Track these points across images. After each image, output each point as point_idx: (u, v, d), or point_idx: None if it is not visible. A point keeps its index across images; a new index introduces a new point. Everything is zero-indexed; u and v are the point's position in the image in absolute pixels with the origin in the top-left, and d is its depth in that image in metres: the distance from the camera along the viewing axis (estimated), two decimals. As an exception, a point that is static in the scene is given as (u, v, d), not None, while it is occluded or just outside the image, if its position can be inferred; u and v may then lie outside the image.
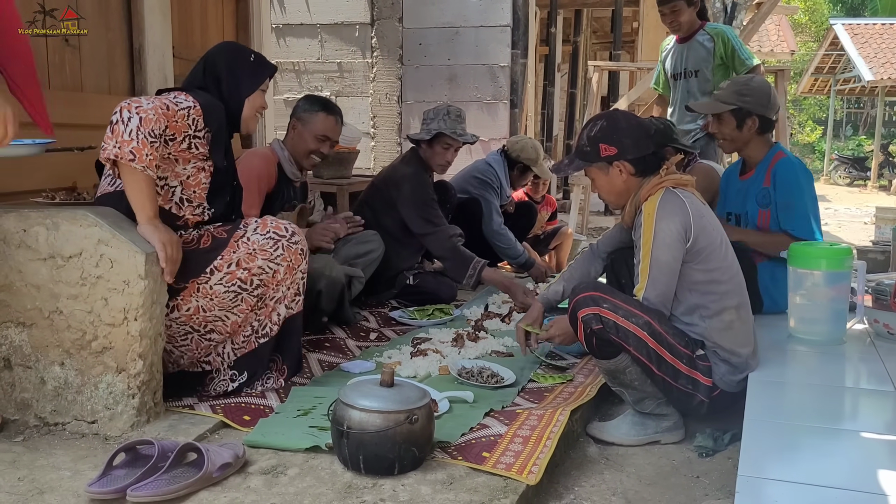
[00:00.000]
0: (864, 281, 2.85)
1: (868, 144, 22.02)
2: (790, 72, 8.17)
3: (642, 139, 2.43)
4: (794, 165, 3.01)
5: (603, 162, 2.43)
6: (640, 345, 2.29)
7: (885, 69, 18.26)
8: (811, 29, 27.54)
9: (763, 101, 3.00)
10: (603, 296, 2.32)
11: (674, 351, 2.31)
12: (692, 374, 2.33)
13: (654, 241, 2.31)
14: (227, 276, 2.31)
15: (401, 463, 1.95)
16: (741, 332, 2.39)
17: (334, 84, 6.29)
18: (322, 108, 3.30)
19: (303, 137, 3.28)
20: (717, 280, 2.36)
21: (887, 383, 2.29)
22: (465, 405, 2.45)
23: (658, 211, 2.32)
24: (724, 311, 2.36)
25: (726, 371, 2.37)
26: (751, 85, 3.06)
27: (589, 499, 2.10)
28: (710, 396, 2.36)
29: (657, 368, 2.32)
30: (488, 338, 3.23)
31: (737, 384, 2.38)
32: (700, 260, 2.34)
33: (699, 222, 2.34)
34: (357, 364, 2.87)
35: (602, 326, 2.29)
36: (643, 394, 2.41)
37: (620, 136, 2.41)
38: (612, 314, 2.28)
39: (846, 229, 10.01)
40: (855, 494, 1.60)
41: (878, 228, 7.01)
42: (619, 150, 2.40)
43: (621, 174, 2.43)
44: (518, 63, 5.87)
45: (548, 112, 8.36)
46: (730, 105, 3.02)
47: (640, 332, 2.28)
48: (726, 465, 2.30)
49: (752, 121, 3.01)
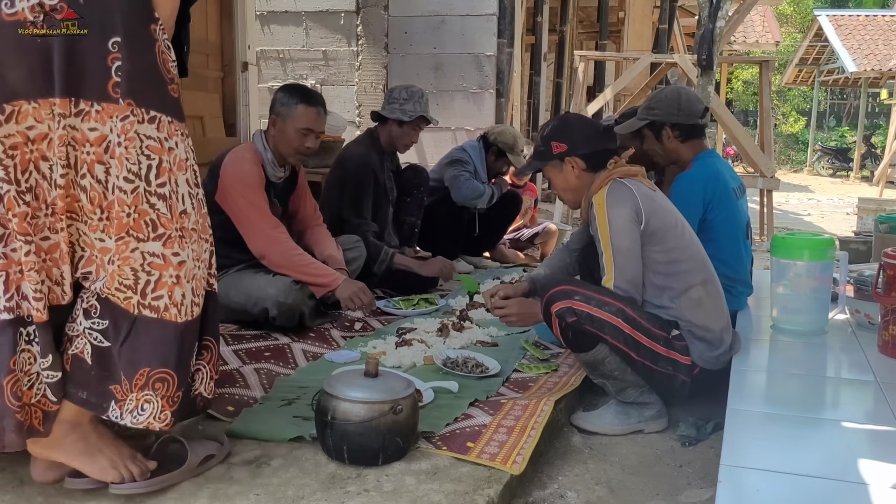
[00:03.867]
0: (846, 271, 2.87)
1: (851, 135, 22.16)
2: (775, 63, 8.20)
3: (592, 136, 2.53)
4: (682, 181, 2.93)
5: (556, 159, 2.53)
6: (616, 332, 2.31)
7: (869, 60, 18.37)
8: (796, 20, 27.63)
9: (672, 110, 2.97)
10: (574, 289, 2.36)
11: (650, 334, 2.34)
12: (671, 355, 2.36)
13: (611, 230, 2.36)
14: None
15: (385, 453, 1.95)
16: (712, 307, 2.44)
17: (319, 72, 6.25)
18: (301, 100, 3.08)
19: (285, 133, 3.09)
20: (677, 259, 2.41)
21: (868, 373, 2.31)
22: (450, 395, 2.45)
23: (607, 200, 2.39)
24: (691, 288, 2.40)
25: (703, 348, 2.40)
26: (658, 97, 3.05)
27: (573, 488, 2.11)
28: (691, 375, 2.39)
29: (636, 354, 2.34)
30: (473, 328, 3.23)
31: (715, 360, 2.42)
32: (656, 241, 2.39)
33: (649, 205, 2.40)
34: (341, 354, 2.86)
35: (576, 318, 2.31)
36: (624, 383, 2.42)
37: (571, 133, 2.52)
38: (585, 305, 2.30)
39: (828, 220, 10.08)
40: (836, 483, 1.62)
41: (860, 219, 7.06)
42: (570, 146, 2.50)
43: (574, 170, 2.51)
44: (504, 52, 5.85)
45: (534, 102, 8.35)
46: (643, 121, 3.02)
47: (614, 319, 2.30)
48: (709, 455, 2.31)
49: (666, 132, 2.99)
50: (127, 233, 1.66)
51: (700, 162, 2.97)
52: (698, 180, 2.90)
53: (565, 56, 8.79)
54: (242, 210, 3.04)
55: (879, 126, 22.24)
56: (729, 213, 2.91)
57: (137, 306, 1.68)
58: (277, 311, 3.00)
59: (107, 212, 1.65)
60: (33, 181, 1.61)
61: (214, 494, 1.79)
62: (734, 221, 2.93)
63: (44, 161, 1.61)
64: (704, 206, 2.88)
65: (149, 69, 1.65)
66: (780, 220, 9.06)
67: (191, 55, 4.69)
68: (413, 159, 5.93)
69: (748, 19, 18.19)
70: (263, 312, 3.02)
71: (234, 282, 3.08)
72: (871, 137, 20.56)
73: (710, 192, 2.89)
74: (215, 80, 4.86)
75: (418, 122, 3.94)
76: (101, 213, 1.65)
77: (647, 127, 3.03)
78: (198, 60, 4.65)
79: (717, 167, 2.98)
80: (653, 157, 3.10)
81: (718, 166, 2.99)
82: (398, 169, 4.25)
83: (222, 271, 3.14)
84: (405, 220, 4.26)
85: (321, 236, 3.39)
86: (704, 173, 2.92)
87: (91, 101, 1.60)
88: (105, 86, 1.61)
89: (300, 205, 3.39)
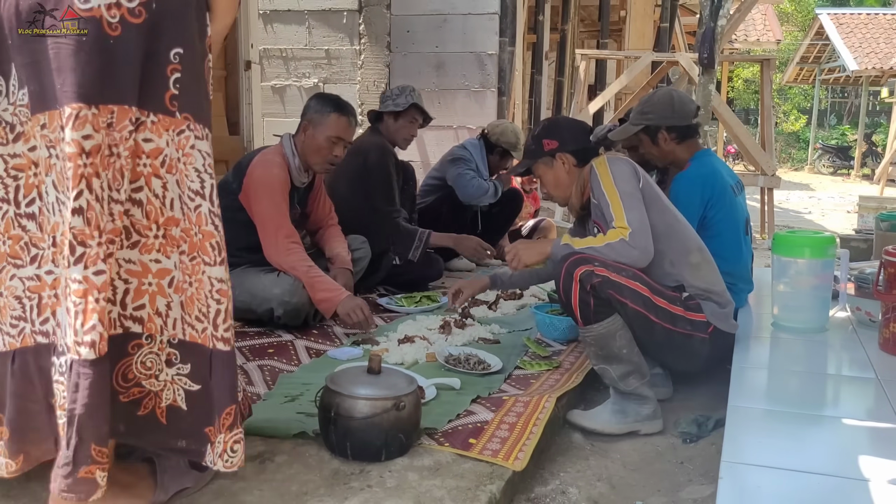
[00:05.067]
0: (846, 269, 2.88)
1: (852, 134, 22.15)
2: (776, 61, 8.20)
3: (580, 133, 2.68)
4: (681, 181, 2.96)
5: (547, 156, 2.64)
6: (636, 296, 2.37)
7: (870, 59, 18.37)
8: (797, 18, 27.60)
9: (665, 113, 2.99)
10: (592, 256, 2.40)
11: (665, 296, 2.43)
12: (687, 315, 2.45)
13: (615, 179, 2.48)
14: None
15: (388, 449, 1.96)
16: (709, 270, 2.56)
17: (322, 71, 6.26)
18: (335, 109, 3.15)
19: (315, 140, 3.14)
20: (672, 223, 2.54)
21: (869, 370, 2.32)
22: (452, 392, 2.46)
23: (608, 161, 2.54)
24: (689, 253, 2.53)
25: (713, 307, 2.50)
26: (651, 101, 3.07)
27: (574, 484, 2.12)
28: (708, 333, 2.47)
29: (655, 317, 2.40)
30: (475, 325, 3.24)
31: (725, 319, 2.53)
32: (652, 204, 2.49)
33: (642, 172, 2.55)
34: (344, 351, 2.87)
35: (601, 280, 2.34)
36: (629, 365, 2.39)
37: (560, 130, 2.66)
38: (605, 270, 2.35)
39: (829, 218, 10.09)
40: (837, 480, 1.63)
41: (860, 217, 7.07)
42: (560, 143, 2.62)
43: (564, 165, 2.63)
44: (506, 51, 5.85)
45: (535, 100, 8.35)
46: (637, 125, 3.04)
47: (632, 283, 2.37)
48: (710, 451, 2.32)
49: (662, 135, 3.01)
50: (198, 253, 1.57)
51: (697, 161, 2.99)
52: (696, 179, 2.93)
53: (567, 54, 8.79)
54: (265, 213, 3.07)
55: (880, 124, 22.23)
56: (728, 210, 2.94)
57: (211, 339, 1.60)
58: (283, 310, 3.01)
59: (163, 228, 1.55)
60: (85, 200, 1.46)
61: (218, 490, 1.80)
62: (734, 218, 2.96)
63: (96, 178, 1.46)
64: (704, 205, 2.90)
65: (202, 85, 1.60)
66: (781, 219, 9.06)
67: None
68: (415, 157, 5.95)
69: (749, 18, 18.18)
70: (268, 312, 3.03)
71: (239, 280, 3.09)
72: (872, 136, 20.55)
73: (710, 189, 2.91)
74: (218, 79, 4.87)
75: (413, 113, 3.96)
76: (158, 229, 1.55)
77: (642, 131, 3.05)
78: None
79: (715, 165, 3.01)
80: (650, 160, 3.12)
81: (715, 164, 3.02)
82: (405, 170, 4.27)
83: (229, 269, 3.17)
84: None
85: (332, 235, 3.43)
86: (702, 172, 2.94)
87: (148, 112, 1.51)
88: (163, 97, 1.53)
89: (315, 205, 3.43)
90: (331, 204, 3.50)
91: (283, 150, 3.18)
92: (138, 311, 1.56)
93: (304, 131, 3.17)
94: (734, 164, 18.89)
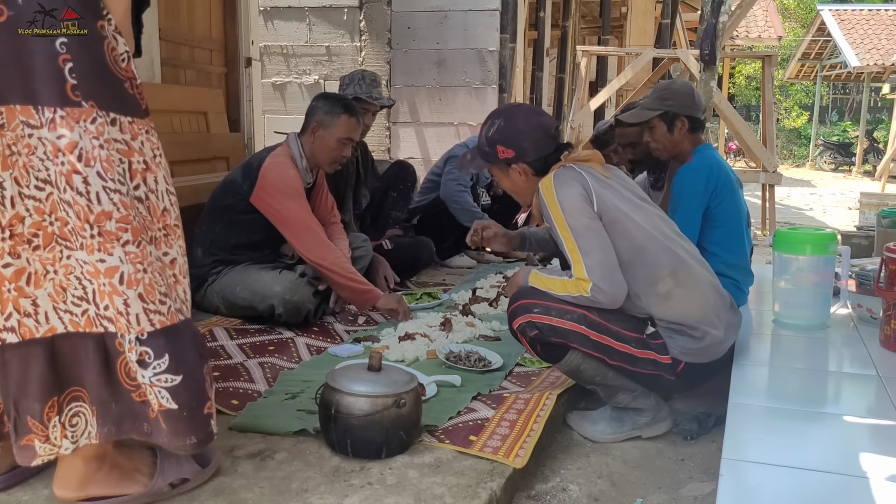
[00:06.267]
0: (847, 266, 2.87)
1: (853, 130, 22.10)
2: (777, 57, 8.19)
3: (542, 140, 2.31)
4: (685, 173, 2.96)
5: (502, 164, 2.35)
6: (584, 340, 2.21)
7: (871, 55, 18.33)
8: (799, 14, 27.54)
9: (687, 102, 3.01)
10: (534, 301, 2.24)
11: (619, 337, 2.22)
12: (647, 356, 2.23)
13: (564, 212, 2.17)
14: None
15: (388, 447, 1.96)
16: (684, 298, 2.22)
17: (322, 68, 6.25)
18: (344, 111, 3.17)
19: (325, 142, 3.17)
20: (639, 248, 2.21)
21: (870, 367, 2.31)
22: (453, 389, 2.46)
23: (554, 183, 2.21)
24: (658, 281, 2.21)
25: (685, 342, 2.23)
26: (672, 88, 3.08)
27: (575, 481, 2.12)
28: (676, 372, 2.25)
29: (610, 359, 2.24)
30: (476, 322, 3.24)
31: (702, 352, 2.24)
32: (617, 227, 2.20)
33: (599, 188, 2.22)
34: (345, 348, 2.87)
35: (538, 332, 2.23)
36: (612, 388, 2.33)
37: (519, 139, 2.30)
38: (545, 317, 2.21)
39: (830, 214, 10.08)
40: (837, 477, 1.62)
41: (862, 213, 7.05)
42: (517, 153, 2.30)
43: (521, 175, 2.34)
44: (507, 47, 5.84)
45: (536, 97, 8.33)
46: (656, 110, 3.03)
47: (577, 327, 2.20)
48: (710, 448, 2.32)
49: (680, 122, 3.01)
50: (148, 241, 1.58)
51: (699, 154, 3.01)
52: (701, 171, 2.93)
53: (568, 51, 8.76)
54: (295, 215, 3.10)
55: (882, 121, 22.19)
56: (732, 201, 2.95)
57: (177, 313, 1.61)
58: (284, 308, 3.02)
59: (96, 226, 1.51)
60: None
61: (219, 487, 1.80)
62: (737, 210, 2.98)
63: None
64: (708, 196, 2.91)
65: (105, 70, 1.53)
66: (782, 215, 9.05)
67: (195, 51, 4.69)
68: (416, 154, 5.95)
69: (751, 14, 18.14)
70: (269, 309, 3.04)
71: (241, 278, 3.10)
72: (874, 132, 20.52)
73: (714, 181, 2.92)
74: (219, 76, 4.86)
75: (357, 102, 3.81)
76: (91, 227, 1.51)
77: (660, 116, 3.05)
78: (201, 56, 4.66)
79: (717, 158, 3.04)
80: (654, 148, 3.12)
81: (718, 157, 3.06)
82: (365, 156, 4.23)
83: (228, 266, 3.17)
84: (390, 213, 4.29)
85: (334, 233, 3.45)
86: (706, 164, 2.96)
87: (54, 108, 1.47)
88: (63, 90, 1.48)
89: (318, 203, 3.43)
90: (333, 202, 3.50)
91: (290, 151, 3.20)
92: (106, 310, 1.56)
93: (313, 133, 3.19)
94: (735, 161, 18.87)
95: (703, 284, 2.28)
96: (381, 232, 4.22)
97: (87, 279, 1.54)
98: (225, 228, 3.18)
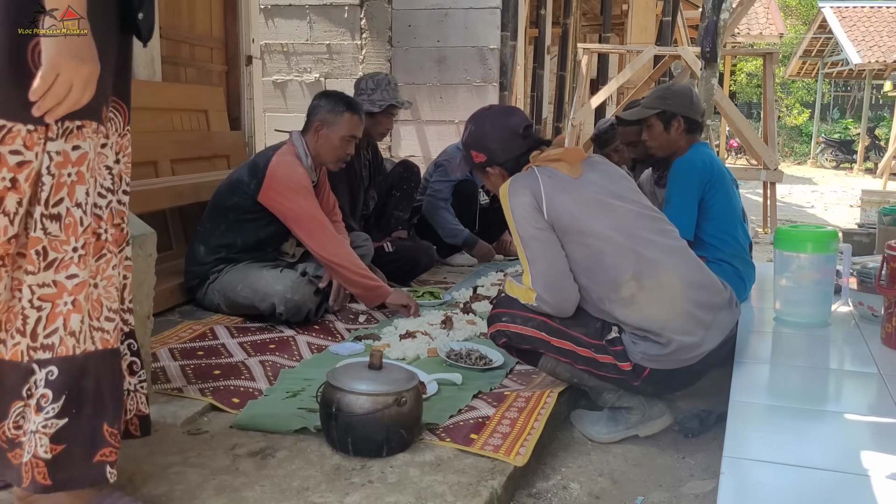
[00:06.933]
0: (849, 263, 2.87)
1: (855, 128, 22.07)
2: (778, 55, 8.18)
3: (509, 141, 2.36)
4: (680, 164, 3.00)
5: (478, 167, 2.43)
6: (547, 346, 2.28)
7: (873, 52, 18.30)
8: (800, 11, 27.50)
9: (686, 103, 3.06)
10: (503, 310, 2.34)
11: (579, 342, 2.23)
12: (607, 361, 2.22)
13: (515, 221, 2.22)
14: None
15: (389, 445, 1.96)
16: (649, 302, 2.16)
17: (323, 66, 6.25)
18: (347, 108, 3.19)
19: (330, 140, 3.19)
20: (600, 251, 2.18)
21: (871, 365, 2.31)
22: (454, 387, 2.46)
23: (508, 190, 2.24)
24: (621, 285, 2.16)
25: (649, 347, 2.16)
26: (672, 89, 3.16)
27: (576, 479, 2.12)
28: (641, 378, 2.20)
29: (575, 363, 2.27)
30: (476, 320, 3.24)
31: (667, 359, 2.16)
32: (571, 233, 2.19)
33: (553, 191, 2.20)
34: (346, 346, 2.87)
35: (506, 339, 2.34)
36: (594, 388, 2.35)
37: (487, 142, 2.37)
38: (511, 325, 2.30)
39: (832, 212, 10.07)
40: (839, 475, 1.62)
41: (863, 211, 7.04)
42: (488, 157, 2.38)
43: (500, 177, 2.40)
44: (508, 45, 5.84)
45: (537, 95, 8.32)
46: (654, 109, 3.07)
47: (538, 334, 2.27)
48: (711, 446, 2.32)
49: (677, 122, 3.05)
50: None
51: (695, 149, 3.07)
52: (695, 162, 2.99)
53: (569, 49, 8.76)
54: (306, 212, 3.11)
55: (883, 118, 22.17)
56: (726, 195, 3.00)
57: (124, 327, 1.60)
58: (285, 307, 3.02)
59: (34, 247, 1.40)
60: None
61: (220, 486, 1.81)
62: (731, 203, 3.02)
63: None
64: (702, 187, 2.96)
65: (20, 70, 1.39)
66: (784, 213, 9.04)
67: (196, 49, 4.67)
68: (416, 152, 5.95)
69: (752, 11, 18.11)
70: (271, 308, 3.04)
71: (242, 276, 3.10)
72: (875, 129, 20.48)
73: (708, 173, 2.97)
74: (219, 74, 4.86)
75: (388, 109, 3.94)
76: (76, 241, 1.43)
77: (657, 115, 3.07)
78: (202, 54, 4.65)
79: (712, 154, 3.10)
80: (650, 146, 3.14)
81: (713, 154, 3.11)
82: (375, 157, 4.25)
83: (230, 264, 3.18)
84: (392, 213, 4.29)
85: (336, 231, 3.42)
86: (701, 157, 3.02)
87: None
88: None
89: (321, 201, 3.42)
90: (335, 200, 3.50)
91: (295, 149, 3.20)
92: None
93: (316, 132, 3.20)
94: (736, 159, 18.86)
95: (673, 288, 2.19)
96: (384, 231, 4.21)
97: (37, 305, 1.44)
98: (230, 227, 3.18)
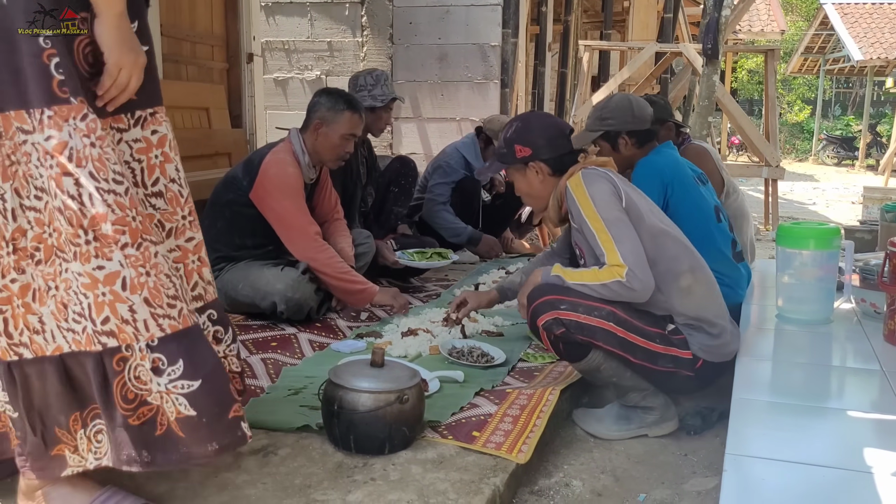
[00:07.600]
0: (851, 260, 2.87)
1: (856, 124, 22.06)
2: (780, 51, 8.17)
3: (557, 139, 2.41)
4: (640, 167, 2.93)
5: (519, 163, 2.43)
6: (610, 338, 2.20)
7: (875, 49, 18.29)
8: (801, 8, 27.47)
9: (626, 118, 2.96)
10: (559, 297, 2.23)
11: (644, 334, 2.23)
12: (669, 352, 2.25)
13: (596, 205, 2.24)
14: None
15: (391, 442, 1.96)
16: (703, 295, 2.30)
17: (324, 63, 6.24)
18: (347, 107, 3.16)
19: (329, 139, 3.16)
20: (661, 244, 2.27)
21: (874, 362, 2.31)
22: (456, 385, 2.46)
23: (584, 181, 2.29)
24: (680, 276, 2.26)
25: (704, 339, 2.27)
26: (609, 106, 3.02)
27: (578, 477, 2.12)
28: (695, 369, 2.27)
29: (633, 357, 2.24)
30: (478, 318, 3.24)
31: (719, 350, 2.29)
32: (640, 227, 2.25)
33: (624, 185, 2.32)
34: (347, 344, 2.87)
35: (565, 329, 2.20)
36: (624, 388, 2.34)
37: (534, 136, 2.40)
38: (573, 314, 2.20)
39: (834, 209, 10.06)
40: (841, 472, 1.62)
41: (865, 208, 7.05)
42: (534, 151, 2.40)
43: (538, 175, 2.42)
44: (509, 42, 5.83)
45: (538, 92, 8.31)
46: (596, 132, 3.00)
47: (605, 324, 2.19)
48: (714, 443, 2.32)
49: (623, 140, 2.99)
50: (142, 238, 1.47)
51: (656, 151, 2.99)
52: (656, 164, 2.91)
53: (570, 46, 8.75)
54: (289, 213, 3.10)
55: (885, 115, 22.15)
56: (692, 198, 2.87)
57: (189, 316, 1.53)
58: (286, 305, 3.02)
59: (91, 231, 1.43)
60: None
61: (223, 483, 1.81)
62: (700, 206, 2.88)
63: None
64: (665, 189, 2.85)
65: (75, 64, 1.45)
66: (785, 210, 9.04)
67: (197, 46, 4.68)
68: (418, 149, 5.95)
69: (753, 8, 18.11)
70: (272, 306, 3.04)
71: (243, 275, 3.10)
72: (877, 126, 20.46)
73: (670, 175, 2.87)
74: (220, 72, 4.86)
75: (389, 103, 3.93)
76: (86, 233, 1.43)
77: (602, 138, 3.01)
78: (203, 52, 4.65)
79: (675, 156, 3.01)
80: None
81: (676, 155, 3.02)
82: (371, 154, 4.24)
83: (230, 262, 3.18)
84: (392, 209, 4.29)
85: (337, 230, 3.44)
86: (662, 160, 2.93)
87: (42, 108, 1.40)
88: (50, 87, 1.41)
89: (321, 199, 3.43)
90: (336, 198, 3.50)
91: (292, 147, 3.18)
92: (105, 324, 1.46)
93: (315, 130, 3.17)
94: (738, 156, 18.83)
95: (715, 287, 2.38)
96: (385, 227, 4.22)
97: (83, 293, 1.45)
98: (227, 224, 3.17)
